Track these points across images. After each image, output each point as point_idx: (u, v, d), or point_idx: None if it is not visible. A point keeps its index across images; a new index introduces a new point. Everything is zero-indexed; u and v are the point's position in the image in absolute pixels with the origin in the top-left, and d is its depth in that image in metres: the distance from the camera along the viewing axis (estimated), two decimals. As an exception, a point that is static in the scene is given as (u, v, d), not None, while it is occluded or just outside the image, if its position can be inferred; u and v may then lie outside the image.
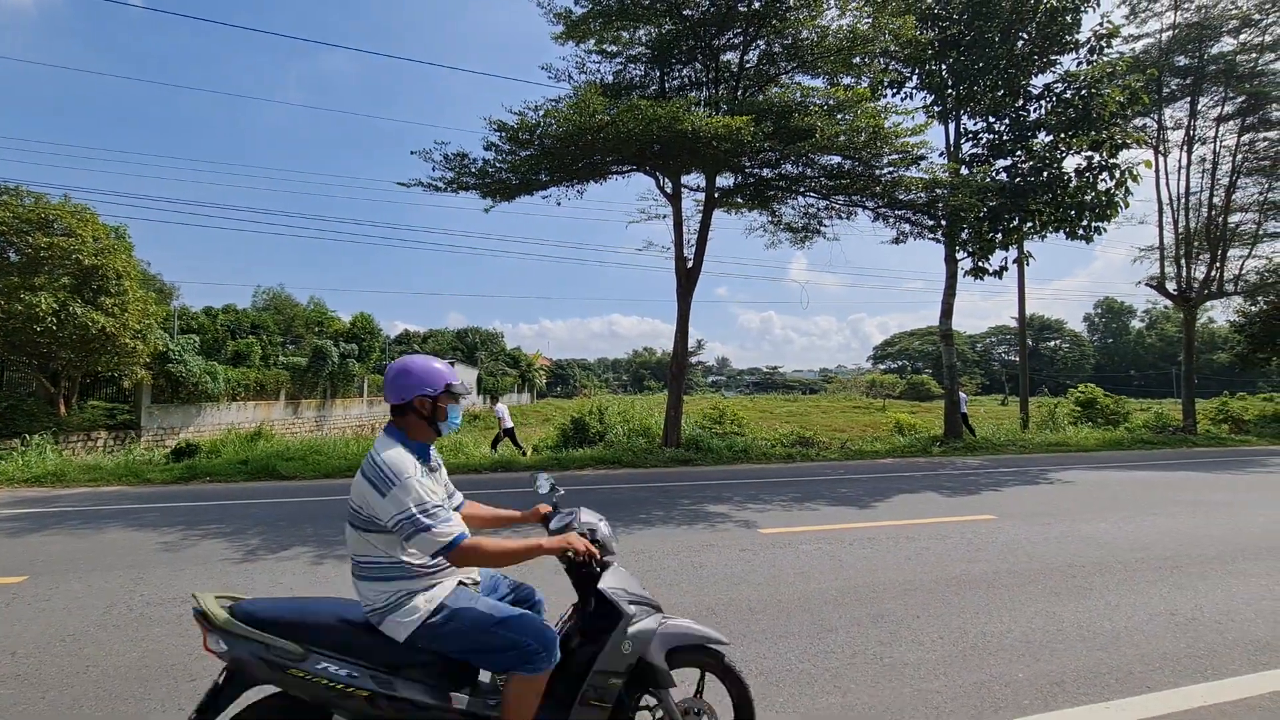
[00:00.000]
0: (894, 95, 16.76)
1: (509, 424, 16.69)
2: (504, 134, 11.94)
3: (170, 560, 5.55)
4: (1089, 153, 15.23)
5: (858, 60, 13.50)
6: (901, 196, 13.99)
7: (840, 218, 15.70)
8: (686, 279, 14.75)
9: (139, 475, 10.68)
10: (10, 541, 6.29)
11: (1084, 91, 15.05)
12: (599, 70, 13.91)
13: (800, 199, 15.22)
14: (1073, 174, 15.45)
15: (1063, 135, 15.21)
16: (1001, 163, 16.40)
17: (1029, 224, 16.00)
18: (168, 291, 34.20)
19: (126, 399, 19.88)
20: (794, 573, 5.14)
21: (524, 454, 14.86)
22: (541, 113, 11.71)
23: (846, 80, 13.98)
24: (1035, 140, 16.01)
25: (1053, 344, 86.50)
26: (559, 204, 14.48)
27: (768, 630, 3.93)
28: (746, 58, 13.79)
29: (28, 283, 15.15)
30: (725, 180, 15.07)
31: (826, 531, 6.64)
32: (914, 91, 17.13)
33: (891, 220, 15.33)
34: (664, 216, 15.83)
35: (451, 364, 2.33)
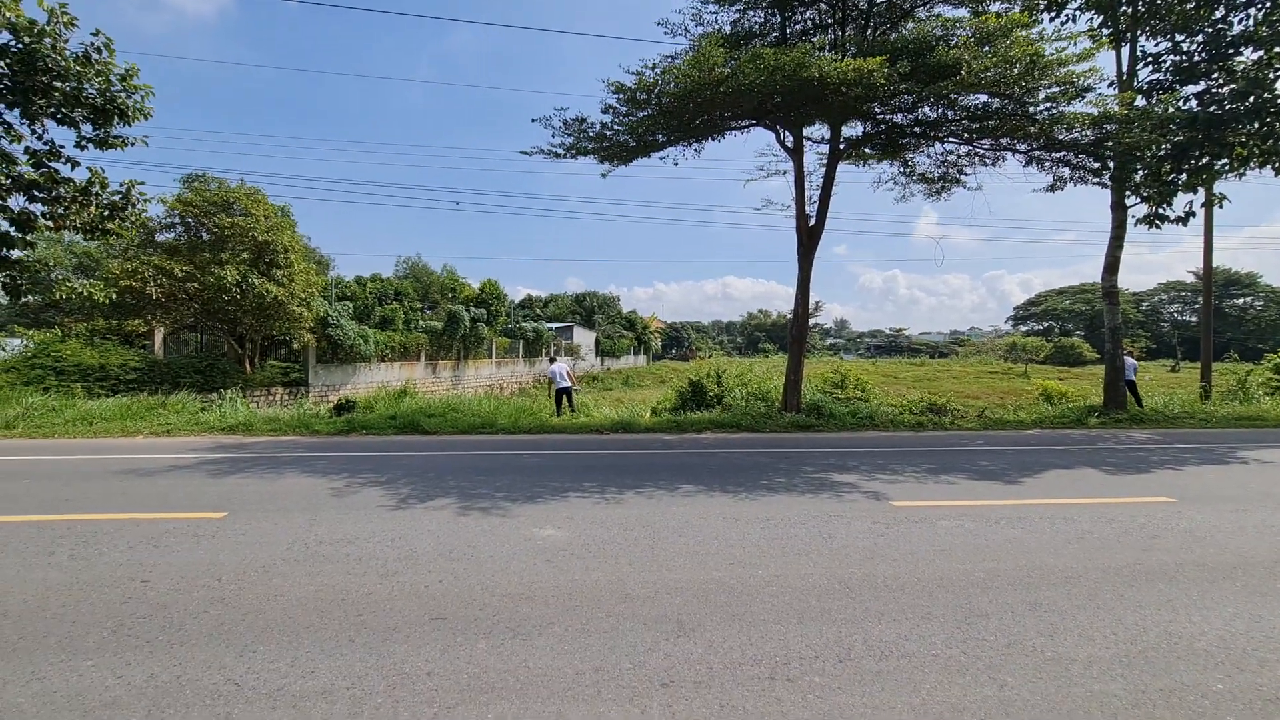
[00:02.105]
0: (1052, 19, 14.66)
1: (562, 383, 14.95)
2: (621, 95, 11.79)
3: (338, 505, 6.23)
4: (1315, 68, 12.57)
5: (1010, -18, 11.92)
6: (1062, 136, 12.33)
7: (985, 164, 14.15)
8: (808, 237, 14.07)
9: (308, 427, 12.10)
10: (215, 482, 7.35)
11: (1313, -9, 12.33)
12: (715, 20, 13.33)
13: (938, 145, 13.87)
14: (1290, 96, 12.85)
15: (1279, 49, 12.63)
16: (1191, 89, 13.93)
17: (1223, 160, 13.56)
18: (325, 263, 38.03)
19: (296, 359, 22.52)
20: (933, 550, 4.82)
21: (558, 415, 14.16)
22: (659, 71, 11.43)
23: (995, 7, 12.41)
24: (1239, 58, 13.42)
25: (1242, 301, 73.65)
26: (675, 164, 14.25)
27: (908, 610, 3.71)
28: (878, -9, 12.63)
29: (216, 258, 17.41)
30: (852, 130, 14.05)
31: (967, 507, 6.16)
32: (1076, 14, 14.88)
33: (1048, 164, 13.60)
34: (784, 172, 15.11)
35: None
